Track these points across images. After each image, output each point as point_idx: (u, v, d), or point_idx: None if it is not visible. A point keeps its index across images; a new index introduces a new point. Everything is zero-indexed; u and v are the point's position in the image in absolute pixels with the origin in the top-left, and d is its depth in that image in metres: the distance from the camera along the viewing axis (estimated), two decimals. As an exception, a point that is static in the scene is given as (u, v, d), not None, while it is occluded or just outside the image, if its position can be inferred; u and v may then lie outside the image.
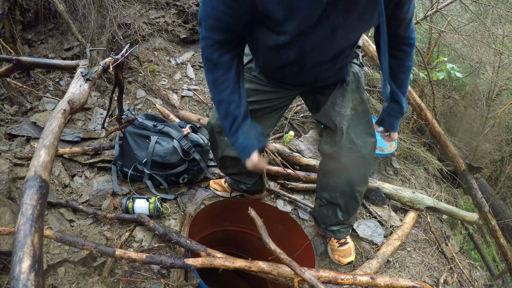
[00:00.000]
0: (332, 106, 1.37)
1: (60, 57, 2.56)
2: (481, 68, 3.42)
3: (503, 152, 3.74)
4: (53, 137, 0.80)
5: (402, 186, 2.33)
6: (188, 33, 3.17)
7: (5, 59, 1.14)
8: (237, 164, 1.57)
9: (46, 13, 2.49)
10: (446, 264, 1.98)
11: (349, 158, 1.42)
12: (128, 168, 1.94)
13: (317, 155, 2.38)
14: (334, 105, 1.37)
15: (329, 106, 1.38)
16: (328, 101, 1.38)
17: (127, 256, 1.26)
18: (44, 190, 0.69)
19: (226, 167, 1.66)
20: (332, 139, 1.43)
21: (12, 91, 2.19)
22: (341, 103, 1.36)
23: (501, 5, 3.23)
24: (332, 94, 1.37)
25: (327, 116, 1.39)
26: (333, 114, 1.37)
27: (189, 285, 1.47)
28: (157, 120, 2.08)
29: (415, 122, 3.19)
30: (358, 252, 1.85)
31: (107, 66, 1.18)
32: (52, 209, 1.76)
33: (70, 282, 1.47)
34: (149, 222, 1.64)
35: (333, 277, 1.23)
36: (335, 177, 1.52)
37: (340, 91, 1.37)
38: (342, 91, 1.37)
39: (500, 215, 3.14)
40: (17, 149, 1.96)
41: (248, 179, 1.84)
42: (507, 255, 2.72)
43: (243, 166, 1.56)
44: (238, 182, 1.87)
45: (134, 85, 2.72)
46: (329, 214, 1.66)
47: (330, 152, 1.45)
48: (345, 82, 1.37)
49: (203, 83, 2.98)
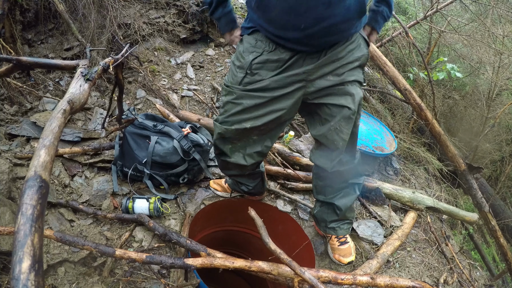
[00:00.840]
0: (336, 132, 1.41)
1: (60, 57, 2.56)
2: (481, 68, 3.42)
3: (503, 152, 3.74)
4: (53, 137, 0.80)
5: (402, 186, 2.33)
6: (188, 33, 3.17)
7: (5, 59, 1.14)
8: (239, 167, 1.58)
9: (46, 13, 2.49)
10: (446, 264, 1.98)
11: (343, 168, 1.55)
12: (128, 168, 1.94)
13: (317, 155, 2.38)
14: (338, 131, 1.41)
15: (332, 131, 1.42)
16: (332, 127, 1.41)
17: (127, 256, 1.26)
18: (44, 190, 0.69)
19: (229, 168, 1.66)
20: (329, 155, 1.50)
21: (12, 91, 2.19)
22: (345, 131, 1.41)
23: (501, 5, 3.23)
24: (337, 121, 1.39)
25: (329, 139, 1.44)
26: (336, 139, 1.43)
27: (189, 285, 1.47)
28: (157, 120, 2.08)
29: (415, 122, 3.19)
30: (358, 252, 1.85)
31: (107, 66, 1.18)
32: (52, 209, 1.76)
33: (70, 282, 1.47)
34: (149, 222, 1.64)
35: (333, 277, 1.23)
36: (329, 180, 1.62)
37: (345, 119, 1.39)
38: (347, 120, 1.39)
39: (500, 215, 3.14)
40: (17, 149, 1.96)
41: (250, 181, 1.84)
42: (507, 255, 2.72)
43: (245, 169, 1.58)
44: (239, 183, 1.87)
45: (134, 85, 2.72)
46: (328, 212, 1.71)
47: (324, 165, 1.54)
48: (351, 111, 1.37)
49: (203, 83, 2.98)
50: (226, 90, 1.42)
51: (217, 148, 1.55)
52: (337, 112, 1.38)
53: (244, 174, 1.70)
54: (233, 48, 3.32)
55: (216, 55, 3.25)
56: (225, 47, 3.35)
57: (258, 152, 1.53)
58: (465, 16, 3.64)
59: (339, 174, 1.58)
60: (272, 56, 1.31)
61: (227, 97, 1.42)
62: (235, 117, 1.40)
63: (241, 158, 1.53)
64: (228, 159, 1.54)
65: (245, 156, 1.53)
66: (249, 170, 1.66)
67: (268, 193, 2.11)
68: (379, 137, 2.57)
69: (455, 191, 2.88)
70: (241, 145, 1.50)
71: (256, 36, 1.33)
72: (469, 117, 3.69)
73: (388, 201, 2.20)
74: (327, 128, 1.42)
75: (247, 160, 1.53)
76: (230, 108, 1.41)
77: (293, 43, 1.25)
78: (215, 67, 3.15)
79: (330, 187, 1.64)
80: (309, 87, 1.35)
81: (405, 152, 2.82)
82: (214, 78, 3.04)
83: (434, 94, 2.74)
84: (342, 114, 1.38)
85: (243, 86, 1.36)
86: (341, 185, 1.64)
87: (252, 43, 1.34)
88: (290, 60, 1.30)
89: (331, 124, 1.40)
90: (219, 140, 1.51)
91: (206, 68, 3.11)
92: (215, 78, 3.05)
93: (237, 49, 1.41)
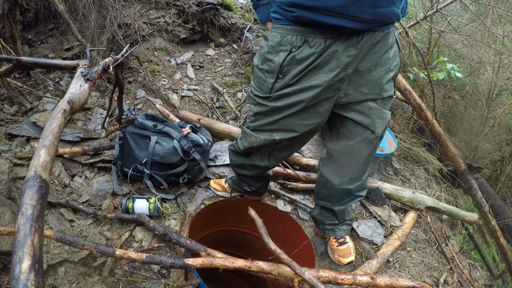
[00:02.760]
0: (353, 153, 1.37)
1: (60, 57, 2.56)
2: (481, 68, 3.42)
3: (503, 152, 3.74)
4: (53, 137, 0.80)
5: (402, 186, 2.33)
6: (188, 33, 3.17)
7: (5, 59, 1.14)
8: (259, 168, 1.56)
9: (46, 13, 2.49)
10: (446, 264, 1.98)
11: (351, 186, 1.53)
12: (128, 168, 1.94)
13: (317, 155, 2.38)
14: (355, 153, 1.37)
15: (349, 151, 1.37)
16: (350, 147, 1.36)
17: (127, 256, 1.26)
18: (44, 190, 0.69)
19: (244, 168, 1.64)
20: (339, 171, 1.50)
21: (12, 91, 2.19)
22: (363, 154, 1.37)
23: (501, 5, 3.23)
24: (357, 142, 1.33)
25: (344, 157, 1.41)
26: (351, 159, 1.39)
27: (189, 285, 1.47)
28: (157, 120, 2.08)
29: (415, 122, 3.19)
30: (358, 252, 1.85)
31: (107, 66, 1.18)
32: (52, 209, 1.76)
33: (70, 282, 1.47)
34: (149, 222, 1.64)
35: (333, 277, 1.23)
36: (333, 191, 1.59)
37: (366, 143, 1.33)
38: (368, 143, 1.33)
39: (500, 215, 3.13)
40: (17, 149, 1.96)
41: (256, 183, 1.84)
42: (507, 255, 2.71)
43: (263, 170, 1.52)
44: (243, 182, 1.85)
45: (134, 85, 2.72)
46: (328, 216, 1.71)
47: (333, 180, 1.52)
48: (374, 136, 1.30)
49: (203, 83, 2.98)
50: (254, 100, 1.33)
51: (242, 150, 1.51)
52: (359, 133, 1.31)
53: (256, 175, 1.69)
54: (233, 48, 3.32)
55: (216, 55, 3.25)
56: (225, 47, 3.35)
57: (283, 157, 1.51)
58: (465, 16, 3.64)
59: (345, 190, 1.55)
60: (302, 53, 1.14)
61: (256, 108, 1.33)
62: (266, 127, 1.34)
63: (265, 160, 1.50)
64: (250, 162, 1.52)
65: (270, 158, 1.50)
66: (265, 171, 1.64)
67: (268, 193, 2.11)
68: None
69: (455, 191, 2.88)
70: (269, 149, 1.47)
71: (281, 31, 1.17)
72: (469, 117, 3.68)
73: (388, 201, 2.20)
74: (345, 146, 1.35)
75: (271, 162, 1.50)
76: (260, 118, 1.34)
77: (334, 15, 1.04)
78: (215, 67, 3.15)
79: (333, 197, 1.63)
80: (341, 97, 1.23)
81: (405, 152, 2.82)
82: (214, 78, 3.04)
83: (434, 94, 2.74)
84: (364, 136, 1.31)
85: (276, 93, 1.24)
86: (344, 196, 1.61)
87: (276, 40, 1.18)
88: (326, 52, 1.12)
89: (350, 144, 1.34)
90: (247, 143, 1.45)
91: (206, 68, 3.11)
92: (215, 78, 3.05)
93: (261, 50, 1.26)
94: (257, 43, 3.17)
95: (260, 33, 3.39)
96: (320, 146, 2.45)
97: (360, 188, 1.60)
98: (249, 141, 1.43)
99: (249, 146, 1.45)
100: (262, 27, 3.47)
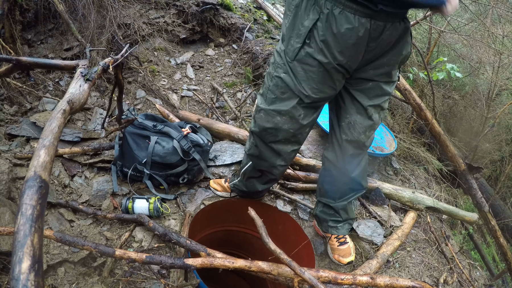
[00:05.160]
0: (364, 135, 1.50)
1: (60, 57, 2.56)
2: (481, 68, 3.42)
3: (503, 152, 3.74)
4: (53, 137, 0.80)
5: (402, 186, 2.33)
6: (188, 33, 3.17)
7: (5, 59, 1.14)
8: (274, 157, 1.57)
9: (46, 13, 2.49)
10: (446, 264, 1.98)
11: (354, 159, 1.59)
12: (128, 168, 1.94)
13: (317, 155, 2.38)
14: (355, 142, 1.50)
15: (347, 144, 1.51)
16: (361, 135, 1.49)
17: (127, 256, 1.26)
18: (44, 190, 0.69)
19: (263, 159, 1.60)
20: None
21: (12, 91, 2.19)
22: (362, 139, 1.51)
23: (500, 5, 3.23)
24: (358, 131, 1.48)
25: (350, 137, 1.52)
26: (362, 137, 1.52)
27: (189, 285, 1.47)
28: (157, 120, 2.08)
29: (415, 122, 3.19)
30: (358, 252, 1.85)
31: (107, 66, 1.18)
32: (52, 209, 1.76)
33: (70, 282, 1.47)
34: (149, 222, 1.64)
35: (333, 277, 1.23)
36: (334, 187, 1.66)
37: (370, 127, 1.48)
38: (371, 128, 1.48)
39: (500, 215, 3.14)
40: (17, 149, 1.96)
41: (264, 185, 1.82)
42: (507, 255, 2.72)
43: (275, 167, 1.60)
44: (252, 178, 1.77)
45: (134, 85, 2.72)
46: (330, 213, 1.72)
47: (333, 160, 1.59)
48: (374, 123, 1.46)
49: (203, 83, 2.98)
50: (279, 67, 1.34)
51: (257, 146, 1.55)
52: (363, 123, 1.45)
53: (271, 174, 1.69)
54: (233, 48, 3.32)
55: (216, 55, 3.25)
56: (225, 47, 3.35)
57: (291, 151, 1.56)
58: (465, 16, 3.64)
59: (350, 179, 1.61)
60: (337, 22, 1.13)
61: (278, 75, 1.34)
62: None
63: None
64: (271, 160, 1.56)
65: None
66: (284, 162, 1.62)
67: (268, 193, 2.11)
68: (378, 137, 2.57)
69: (455, 191, 2.88)
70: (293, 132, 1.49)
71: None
72: (469, 117, 3.69)
73: (388, 201, 2.20)
74: (357, 135, 1.48)
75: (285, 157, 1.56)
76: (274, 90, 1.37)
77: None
78: (215, 67, 3.15)
79: (335, 193, 1.66)
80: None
81: (405, 152, 2.82)
82: (213, 78, 3.04)
83: (434, 94, 2.74)
84: (367, 124, 1.45)
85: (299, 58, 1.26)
86: (345, 192, 1.66)
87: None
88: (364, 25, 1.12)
89: (358, 134, 1.48)
90: (270, 124, 1.44)
91: (206, 68, 3.11)
92: (215, 78, 3.05)
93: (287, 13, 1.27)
94: (256, 43, 3.17)
95: (260, 33, 3.39)
96: (320, 146, 2.45)
97: (359, 186, 1.66)
98: (273, 121, 1.42)
99: (273, 126, 1.44)
100: (262, 27, 3.46)
